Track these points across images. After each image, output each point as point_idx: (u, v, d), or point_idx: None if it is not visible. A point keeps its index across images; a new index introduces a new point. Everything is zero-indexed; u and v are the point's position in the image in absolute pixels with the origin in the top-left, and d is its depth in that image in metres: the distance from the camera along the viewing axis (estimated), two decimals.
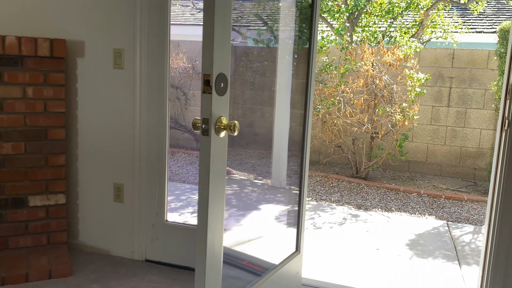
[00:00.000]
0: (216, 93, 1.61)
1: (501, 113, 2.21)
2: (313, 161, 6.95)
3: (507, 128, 2.13)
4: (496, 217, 2.21)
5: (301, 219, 2.55)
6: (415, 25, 7.82)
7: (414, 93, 5.42)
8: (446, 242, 3.89)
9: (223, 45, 1.62)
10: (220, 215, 1.73)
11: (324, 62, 5.97)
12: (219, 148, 1.66)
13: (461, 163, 6.34)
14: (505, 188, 2.17)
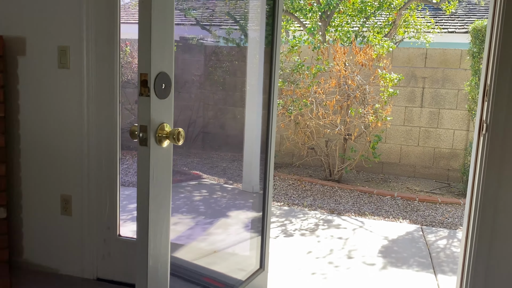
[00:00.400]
0: (156, 95, 1.37)
1: (478, 115, 2.04)
2: (287, 164, 6.76)
3: (485, 132, 1.96)
4: (474, 225, 2.04)
5: (265, 234, 2.33)
6: (388, 25, 7.73)
7: (387, 93, 5.28)
8: (420, 249, 3.73)
9: (165, 39, 1.38)
10: (164, 241, 1.49)
11: (295, 62, 5.78)
12: (162, 160, 1.42)
13: (434, 164, 6.25)
14: (484, 194, 2.00)
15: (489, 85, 1.94)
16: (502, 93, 1.91)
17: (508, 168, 1.97)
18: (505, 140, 1.93)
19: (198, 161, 6.62)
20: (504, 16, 1.89)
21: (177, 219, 4.14)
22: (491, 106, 1.93)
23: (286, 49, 5.81)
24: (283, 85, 5.72)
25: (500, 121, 1.92)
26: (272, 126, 2.30)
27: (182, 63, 7.08)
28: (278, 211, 4.64)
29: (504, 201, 1.99)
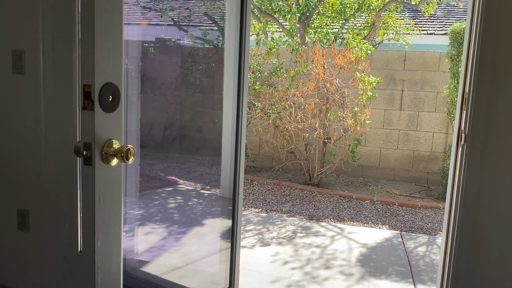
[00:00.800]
0: (102, 109, 1.22)
1: (457, 125, 1.94)
2: (266, 168, 6.64)
3: (464, 143, 1.86)
4: (454, 236, 1.94)
5: (234, 251, 2.20)
6: (367, 27, 7.68)
7: (366, 97, 5.20)
8: (399, 256, 3.65)
9: (112, 45, 1.24)
10: (115, 268, 1.34)
11: (274, 65, 5.66)
12: (110, 181, 1.27)
13: (414, 167, 6.21)
14: (463, 206, 1.90)
15: (468, 93, 1.84)
16: (481, 102, 1.81)
17: (487, 180, 1.87)
18: (485, 151, 1.84)
19: (175, 166, 6.44)
20: (482, 25, 1.79)
21: (149, 229, 3.97)
22: (469, 116, 1.83)
23: (264, 51, 5.69)
24: (261, 88, 5.59)
25: (479, 132, 1.82)
26: (241, 130, 2.17)
27: (159, 65, 6.90)
28: (255, 218, 4.51)
29: (483, 212, 1.89)
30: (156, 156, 6.92)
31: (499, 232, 1.89)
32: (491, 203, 1.89)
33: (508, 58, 1.79)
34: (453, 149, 1.97)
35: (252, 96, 5.74)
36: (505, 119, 1.81)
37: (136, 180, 3.31)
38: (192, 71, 6.79)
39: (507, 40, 1.78)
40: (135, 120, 2.81)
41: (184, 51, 7.07)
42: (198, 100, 6.98)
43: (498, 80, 1.80)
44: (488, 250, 1.91)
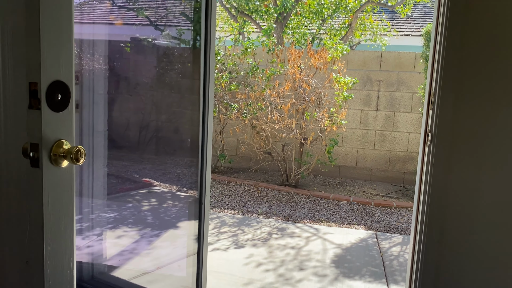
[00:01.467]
0: (50, 108, 1.16)
1: (423, 125, 1.93)
2: (243, 169, 6.60)
3: (430, 143, 1.85)
4: (421, 235, 1.94)
5: (201, 255, 2.15)
6: (345, 28, 7.71)
7: (342, 97, 5.21)
8: (374, 257, 3.65)
9: (61, 40, 1.18)
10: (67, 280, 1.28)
11: (250, 65, 5.63)
12: (60, 184, 1.21)
13: (390, 167, 6.25)
14: (430, 205, 1.90)
15: (434, 93, 1.83)
16: (447, 102, 1.81)
17: (453, 180, 1.87)
18: (451, 151, 1.83)
19: (150, 167, 6.35)
20: (448, 24, 1.79)
21: (121, 232, 3.89)
22: (436, 116, 1.82)
23: (240, 51, 5.65)
24: (237, 89, 5.55)
25: (445, 132, 1.82)
26: (207, 129, 2.12)
27: (134, 64, 6.80)
28: (231, 219, 4.46)
29: (450, 211, 1.89)
30: (132, 158, 6.82)
31: (465, 231, 1.89)
32: (458, 203, 1.89)
33: (473, 58, 1.79)
34: (420, 149, 1.96)
35: (229, 96, 5.70)
36: (471, 119, 1.81)
37: (104, 182, 3.23)
38: (169, 71, 6.70)
39: (473, 40, 1.79)
40: (102, 121, 2.73)
41: (157, 51, 6.98)
42: (175, 100, 6.90)
43: (463, 80, 1.80)
44: (455, 248, 1.91)
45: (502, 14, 1.76)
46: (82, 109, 2.57)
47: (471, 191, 1.86)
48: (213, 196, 5.25)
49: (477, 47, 1.79)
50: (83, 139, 2.60)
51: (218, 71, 5.61)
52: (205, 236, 2.20)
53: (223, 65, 5.67)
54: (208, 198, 2.17)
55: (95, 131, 2.63)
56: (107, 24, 5.32)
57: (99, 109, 2.65)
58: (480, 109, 1.81)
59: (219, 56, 5.54)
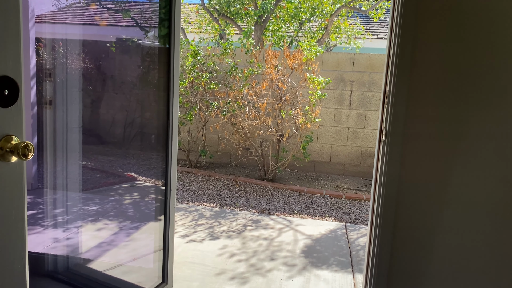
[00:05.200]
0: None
1: (379, 122, 1.90)
2: (224, 164, 6.54)
3: (385, 139, 1.83)
4: (376, 226, 1.91)
5: (167, 246, 2.10)
6: (321, 31, 7.69)
7: (316, 96, 5.18)
8: (342, 247, 3.64)
9: (8, 35, 1.11)
10: (19, 270, 1.22)
11: (229, 65, 5.57)
12: (8, 180, 1.15)
13: (362, 162, 6.26)
14: (384, 198, 1.88)
15: (388, 91, 1.81)
16: (400, 101, 1.78)
17: (407, 175, 1.85)
18: (404, 147, 1.81)
19: (135, 163, 6.26)
20: (402, 24, 1.76)
21: (102, 225, 3.81)
22: (390, 114, 1.80)
23: (219, 52, 5.59)
24: (217, 87, 5.49)
25: (398, 129, 1.79)
26: (172, 118, 2.07)
27: (120, 64, 6.68)
28: (209, 212, 4.41)
29: (403, 206, 1.87)
30: (118, 153, 6.71)
31: (417, 225, 1.88)
32: (410, 197, 1.87)
33: (425, 58, 1.77)
34: (376, 145, 1.94)
35: (209, 95, 5.63)
36: (423, 117, 1.79)
37: (79, 178, 3.14)
38: (152, 70, 6.59)
39: (425, 40, 1.76)
40: (77, 117, 2.65)
41: (144, 51, 6.86)
42: (160, 98, 6.79)
43: (416, 80, 1.78)
44: (407, 241, 1.89)
45: (457, 9, 1.74)
46: (56, 105, 2.49)
47: (422, 186, 1.84)
48: (193, 190, 5.19)
49: (430, 48, 1.76)
50: (56, 136, 2.53)
51: (199, 71, 5.54)
52: (170, 227, 2.15)
53: (203, 65, 5.60)
54: (174, 189, 2.11)
55: (69, 128, 2.55)
56: (80, 24, 5.17)
57: (74, 106, 2.57)
58: (431, 107, 1.79)
59: (199, 56, 5.46)
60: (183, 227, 3.92)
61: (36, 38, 4.70)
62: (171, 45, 1.94)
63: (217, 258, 3.27)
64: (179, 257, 3.26)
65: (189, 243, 3.55)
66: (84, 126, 2.79)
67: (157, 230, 3.06)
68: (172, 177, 2.13)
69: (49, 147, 3.28)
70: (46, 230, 3.50)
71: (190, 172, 5.91)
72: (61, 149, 3.06)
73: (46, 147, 3.32)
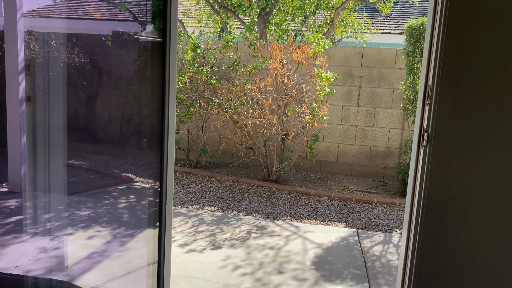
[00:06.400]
0: None
1: (418, 124, 1.58)
2: (226, 163, 6.22)
3: (427, 144, 1.50)
4: (416, 240, 1.60)
5: (163, 258, 1.78)
6: (326, 24, 7.34)
7: (323, 92, 4.86)
8: (355, 258, 3.32)
9: None
10: None
11: (231, 59, 5.23)
12: None
13: (370, 162, 5.94)
14: (425, 219, 1.56)
15: (431, 86, 1.48)
16: (446, 96, 1.46)
17: (453, 184, 1.53)
18: (450, 153, 1.49)
19: (132, 162, 5.93)
20: (448, 12, 1.43)
21: (93, 232, 3.49)
22: (433, 113, 1.47)
23: (221, 45, 5.25)
24: (218, 83, 5.16)
25: (444, 131, 1.47)
26: (168, 122, 1.75)
27: (116, 59, 6.35)
28: (210, 217, 4.09)
29: (448, 217, 1.55)
30: (113, 152, 6.38)
31: (464, 236, 1.56)
32: (456, 207, 1.55)
33: (477, 47, 1.44)
34: (413, 150, 1.61)
35: (210, 91, 5.30)
36: (472, 116, 1.47)
37: (65, 181, 2.83)
38: (150, 65, 6.26)
39: (476, 26, 1.43)
40: (61, 116, 2.33)
41: (141, 45, 6.53)
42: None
43: (464, 72, 1.45)
44: (452, 254, 1.58)
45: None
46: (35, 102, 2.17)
47: (470, 196, 1.52)
48: (193, 192, 4.87)
49: (481, 34, 1.44)
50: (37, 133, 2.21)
51: (199, 65, 5.20)
52: (166, 240, 1.83)
53: (204, 59, 5.27)
54: (171, 198, 1.79)
55: (51, 128, 2.23)
56: (65, 18, 4.79)
57: (57, 104, 2.24)
58: (482, 104, 1.46)
59: (200, 49, 5.13)
60: (182, 235, 3.60)
61: (28, 31, 4.34)
62: (167, 35, 1.62)
63: (220, 271, 2.96)
64: (178, 270, 2.94)
65: (188, 253, 3.24)
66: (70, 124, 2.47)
67: (151, 240, 2.73)
68: (168, 180, 1.82)
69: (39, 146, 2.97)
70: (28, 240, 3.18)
71: (190, 172, 5.59)
72: (49, 148, 2.75)
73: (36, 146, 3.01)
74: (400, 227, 4.13)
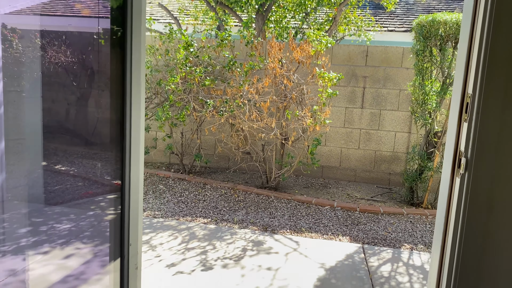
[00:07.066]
0: None
1: (452, 144, 1.23)
2: (222, 168, 5.88)
3: (464, 172, 1.16)
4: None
5: None
6: (328, 21, 6.99)
7: (326, 94, 4.51)
8: (362, 280, 2.98)
9: None
10: None
11: (226, 58, 4.88)
12: None
13: (375, 167, 5.60)
14: (463, 255, 1.21)
15: (471, 96, 1.13)
16: (492, 110, 1.11)
17: (494, 224, 1.19)
18: (499, 183, 1.14)
19: None
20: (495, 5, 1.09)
21: (72, 250, 3.15)
22: (474, 130, 1.13)
23: (216, 43, 4.90)
24: (212, 84, 4.81)
25: (489, 155, 1.12)
26: (131, 123, 1.41)
27: (104, 57, 5.99)
28: (202, 231, 3.75)
29: (489, 262, 1.21)
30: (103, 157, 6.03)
31: None
32: (500, 251, 1.21)
33: None
34: (445, 176, 1.27)
35: (205, 92, 4.96)
36: None
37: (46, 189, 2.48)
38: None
39: None
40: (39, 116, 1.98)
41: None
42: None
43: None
44: None
45: None
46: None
47: None
48: (186, 202, 4.53)
49: None
50: None
51: (192, 65, 4.85)
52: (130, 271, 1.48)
53: (197, 59, 4.92)
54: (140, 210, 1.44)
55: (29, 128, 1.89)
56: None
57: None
58: None
59: (193, 48, 4.77)
60: (170, 252, 3.26)
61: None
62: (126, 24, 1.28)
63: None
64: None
65: (176, 275, 2.90)
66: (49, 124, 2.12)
67: None
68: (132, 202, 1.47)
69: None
70: None
71: (183, 179, 5.24)
72: (31, 154, 2.41)
73: None
74: (409, 241, 3.79)
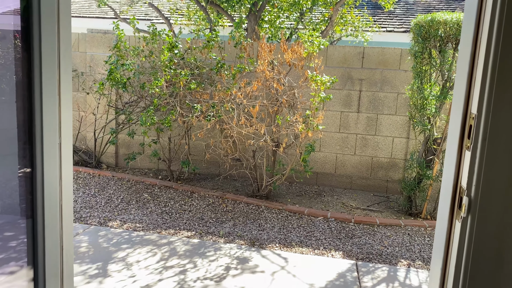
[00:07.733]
0: None
1: (451, 177, 0.97)
2: (212, 175, 5.62)
3: (466, 215, 0.90)
4: None
5: None
6: (324, 21, 6.73)
7: (319, 99, 4.25)
8: None
9: None
10: None
11: (214, 60, 4.63)
12: None
13: (372, 174, 5.34)
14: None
15: (475, 117, 0.88)
16: (503, 135, 0.85)
17: (505, 280, 0.93)
18: (507, 228, 0.89)
19: None
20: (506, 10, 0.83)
21: None
22: (479, 162, 0.87)
23: (202, 44, 4.64)
24: (199, 88, 4.55)
25: (498, 195, 0.87)
26: (42, 123, 1.16)
27: (91, 59, 5.75)
28: (184, 246, 3.50)
29: None
30: None
31: None
32: None
33: None
34: (443, 218, 1.01)
35: (192, 96, 4.70)
36: None
37: None
38: None
39: None
40: None
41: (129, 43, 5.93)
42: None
43: None
44: None
45: None
46: None
47: None
48: (170, 212, 4.27)
49: None
50: None
51: (177, 67, 4.60)
52: None
53: (183, 61, 4.66)
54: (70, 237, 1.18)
55: None
56: None
57: None
58: None
59: (177, 49, 4.52)
60: (146, 272, 3.00)
61: None
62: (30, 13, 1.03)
63: None
64: None
65: None
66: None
67: None
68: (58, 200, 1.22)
69: None
70: None
71: (170, 187, 4.99)
72: None
73: None
74: (406, 256, 3.54)
